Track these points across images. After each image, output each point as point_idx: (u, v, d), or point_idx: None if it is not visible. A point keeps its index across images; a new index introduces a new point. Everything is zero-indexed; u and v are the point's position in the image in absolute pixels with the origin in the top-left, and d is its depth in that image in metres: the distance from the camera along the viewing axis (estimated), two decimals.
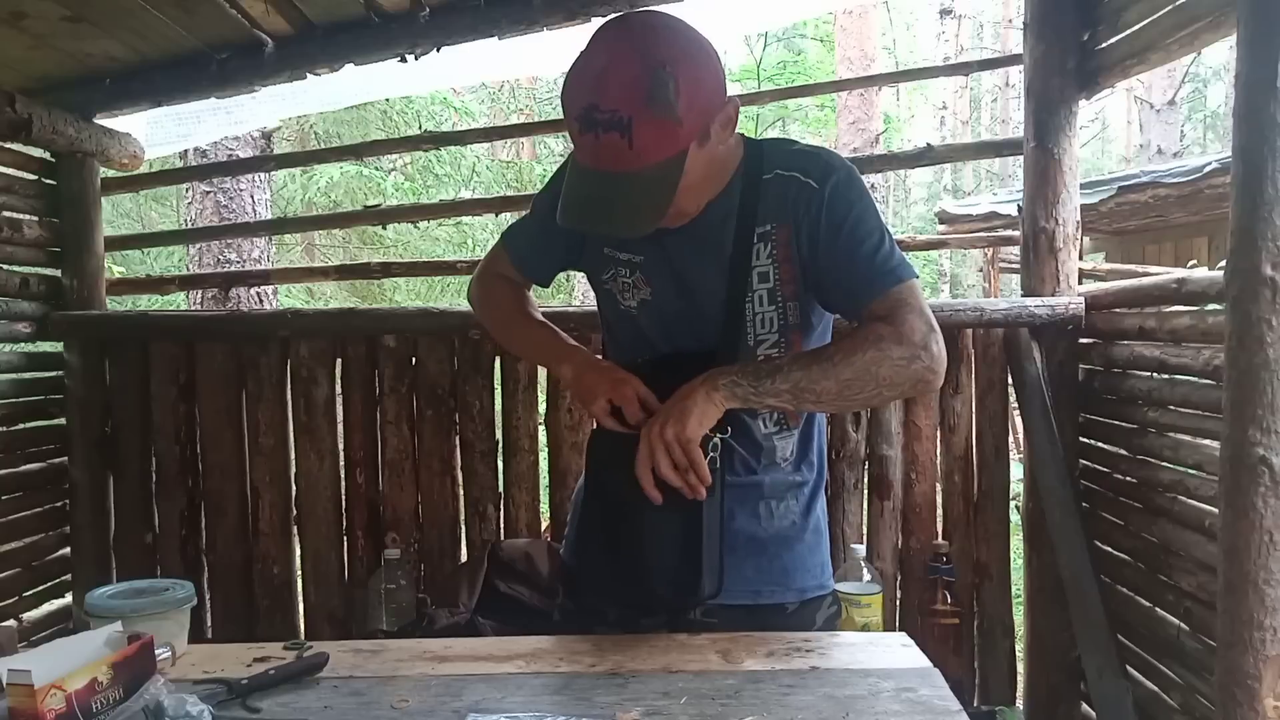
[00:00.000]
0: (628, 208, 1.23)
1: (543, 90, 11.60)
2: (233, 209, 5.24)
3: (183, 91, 2.54)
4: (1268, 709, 1.41)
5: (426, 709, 1.15)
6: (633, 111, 1.16)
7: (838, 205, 1.32)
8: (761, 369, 1.28)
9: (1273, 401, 1.40)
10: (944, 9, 14.00)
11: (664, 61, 1.18)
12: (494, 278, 1.60)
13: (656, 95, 1.16)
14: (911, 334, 1.26)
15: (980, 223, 6.70)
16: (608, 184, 1.22)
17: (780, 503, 1.43)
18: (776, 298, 1.35)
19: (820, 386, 1.26)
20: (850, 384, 1.26)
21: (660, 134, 1.19)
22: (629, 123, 1.17)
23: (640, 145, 1.18)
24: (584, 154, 1.24)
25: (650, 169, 1.20)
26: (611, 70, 1.18)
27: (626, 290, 1.42)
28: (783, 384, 1.26)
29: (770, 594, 1.43)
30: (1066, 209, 2.32)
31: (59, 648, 1.12)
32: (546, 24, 2.35)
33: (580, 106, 1.19)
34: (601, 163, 1.21)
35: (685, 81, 1.18)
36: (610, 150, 1.19)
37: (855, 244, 1.31)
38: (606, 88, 1.17)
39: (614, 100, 1.17)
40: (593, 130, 1.18)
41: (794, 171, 1.35)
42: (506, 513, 2.46)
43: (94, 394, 2.54)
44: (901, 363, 1.26)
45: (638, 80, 1.17)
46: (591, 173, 1.24)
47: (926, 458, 2.40)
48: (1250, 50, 1.41)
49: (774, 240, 1.35)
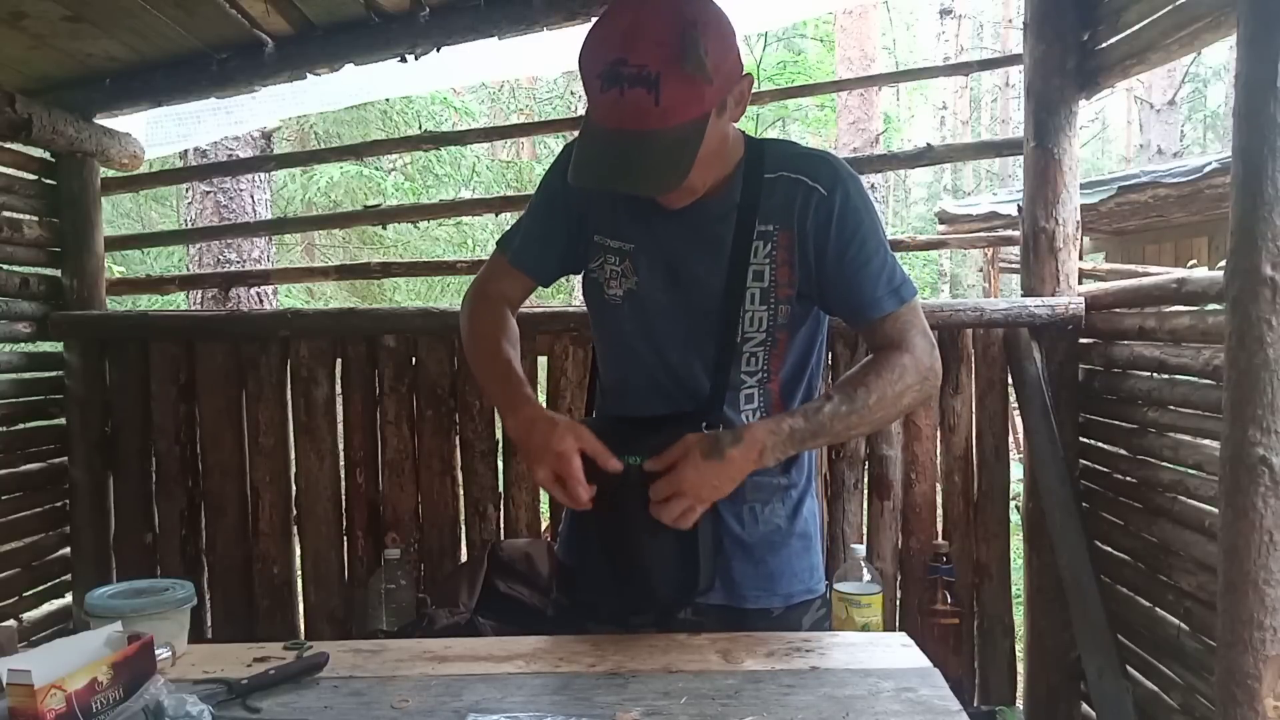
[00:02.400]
0: (649, 166, 1.21)
1: (543, 90, 11.61)
2: (233, 209, 5.24)
3: (183, 91, 2.53)
4: (1268, 709, 1.41)
5: (426, 709, 1.15)
6: (661, 67, 1.15)
7: (848, 218, 1.33)
8: (805, 432, 1.30)
9: (1273, 401, 1.40)
10: (944, 9, 14.01)
11: (695, 21, 1.18)
12: (484, 299, 1.52)
13: (688, 52, 1.15)
14: (924, 359, 1.37)
15: (980, 223, 6.69)
16: (629, 142, 1.20)
17: (765, 506, 1.42)
18: (769, 298, 1.35)
19: (857, 431, 1.45)
20: (880, 421, 1.39)
21: (689, 93, 1.18)
22: (657, 79, 1.15)
23: (667, 102, 1.16)
24: (604, 112, 1.21)
25: (673, 129, 1.19)
26: (642, 26, 1.17)
27: (613, 279, 1.40)
28: (824, 439, 1.36)
29: (755, 598, 1.42)
30: (1066, 209, 2.32)
31: (59, 648, 1.12)
32: (546, 24, 2.35)
33: (605, 62, 1.18)
34: (625, 121, 1.19)
35: (714, 43, 1.19)
36: (634, 107, 1.17)
37: (863, 261, 1.34)
38: (636, 43, 1.16)
39: (643, 55, 1.15)
40: (617, 86, 1.16)
41: (801, 175, 1.34)
42: (506, 513, 2.46)
43: (94, 394, 2.54)
44: (917, 388, 1.37)
45: (669, 36, 1.16)
46: (611, 131, 1.21)
47: (926, 458, 2.40)
48: (1250, 50, 1.41)
49: (774, 242, 1.34)
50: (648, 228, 1.36)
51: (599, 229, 1.41)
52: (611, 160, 1.22)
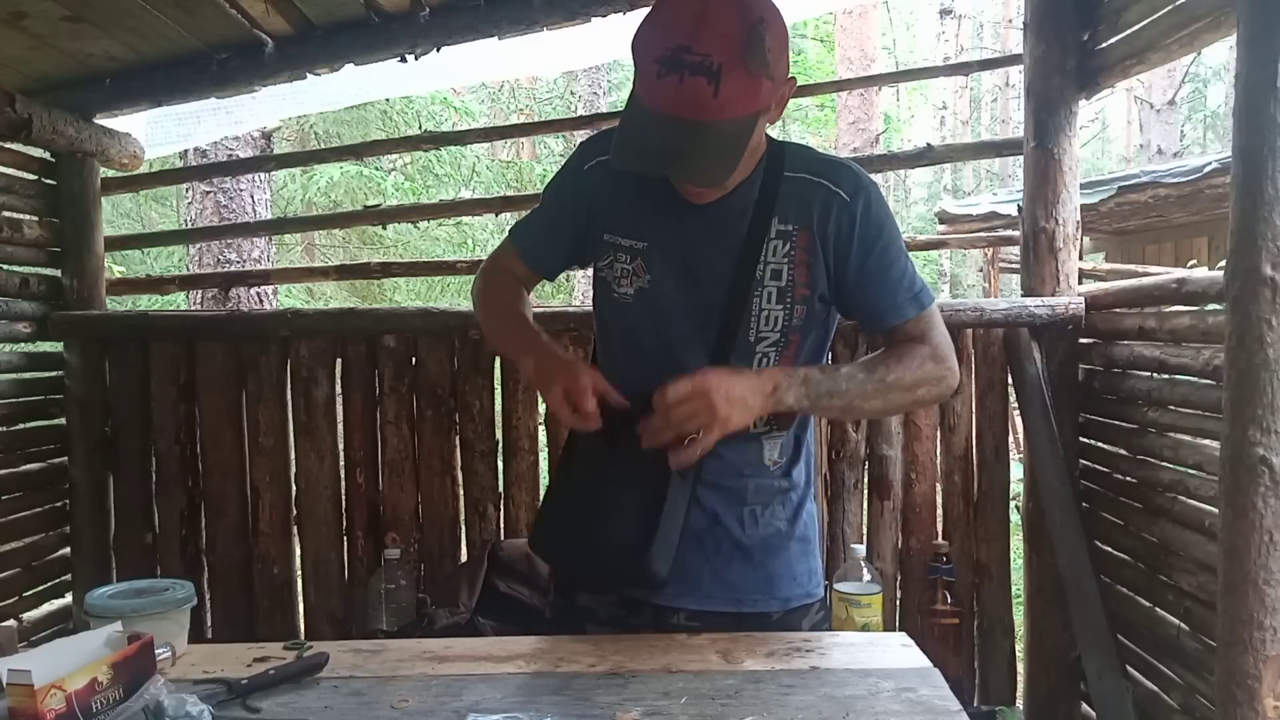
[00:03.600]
0: (699, 157, 1.22)
1: (543, 90, 11.61)
2: (233, 209, 5.24)
3: (183, 91, 2.53)
4: (1268, 709, 1.41)
5: (426, 709, 1.15)
6: (725, 60, 1.16)
7: (870, 224, 1.35)
8: (822, 386, 1.31)
9: (1273, 401, 1.40)
10: (944, 9, 14.01)
11: (761, 18, 1.19)
12: (498, 272, 1.57)
13: (753, 48, 1.17)
14: (945, 357, 1.38)
15: (980, 223, 6.69)
16: (681, 130, 1.19)
17: (765, 509, 1.42)
18: (786, 298, 1.35)
19: (869, 405, 1.37)
20: (894, 402, 1.39)
21: (748, 88, 1.19)
22: (719, 70, 1.16)
23: (726, 95, 1.17)
24: (658, 98, 1.20)
25: (727, 123, 1.20)
26: (710, 16, 1.18)
27: (624, 277, 1.40)
28: (837, 401, 1.33)
29: (754, 602, 1.42)
30: (1066, 209, 2.32)
31: (59, 648, 1.12)
32: (546, 24, 2.35)
33: (668, 47, 1.18)
34: (681, 108, 1.19)
35: (775, 42, 1.20)
36: (693, 96, 1.17)
37: (885, 267, 1.36)
38: (703, 32, 1.17)
39: (709, 45, 1.16)
40: (678, 72, 1.17)
41: (823, 179, 1.36)
42: (506, 513, 2.46)
43: (94, 394, 2.54)
44: (934, 383, 1.38)
45: (737, 29, 1.17)
46: (663, 116, 1.20)
47: (926, 458, 2.40)
48: (1250, 50, 1.41)
49: (793, 242, 1.35)
50: (664, 225, 1.36)
51: (610, 228, 1.41)
52: (662, 146, 1.21)
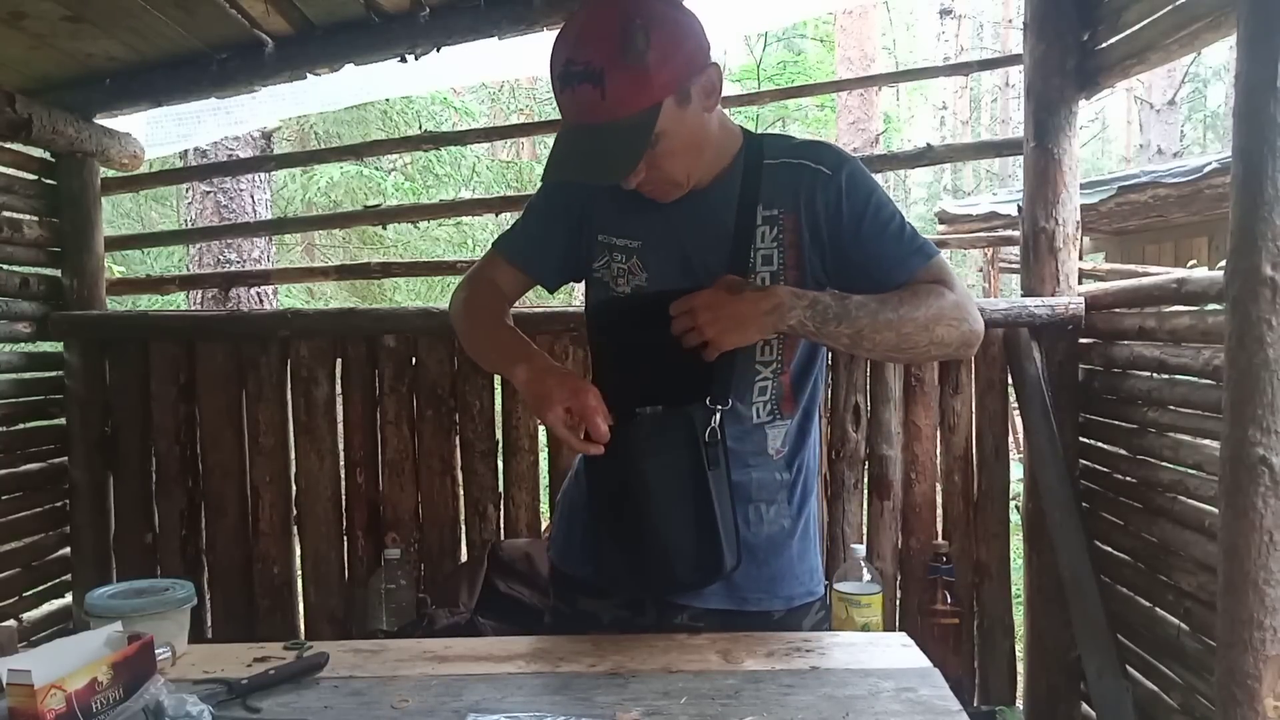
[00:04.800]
0: (601, 155, 1.25)
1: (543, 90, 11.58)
2: (233, 209, 5.24)
3: (183, 91, 2.53)
4: (1268, 709, 1.41)
5: (426, 709, 1.15)
6: (604, 62, 1.21)
7: (857, 192, 1.35)
8: (829, 311, 1.28)
9: (1273, 401, 1.40)
10: (944, 9, 14.01)
11: (638, 15, 1.22)
12: (481, 282, 1.52)
13: (627, 46, 1.20)
14: (964, 299, 1.33)
15: (980, 223, 6.70)
16: (585, 136, 1.26)
17: (770, 506, 1.42)
18: (779, 282, 1.36)
19: (881, 337, 1.29)
20: (909, 338, 1.30)
21: (632, 83, 1.22)
22: (601, 73, 1.20)
23: (613, 95, 1.21)
24: (564, 111, 1.28)
25: (623, 121, 1.23)
26: (588, 25, 1.24)
27: (620, 276, 1.41)
28: (846, 329, 1.28)
29: (757, 601, 1.42)
30: (1066, 209, 2.32)
31: (59, 648, 1.12)
32: (546, 24, 2.35)
33: (560, 63, 1.24)
34: (580, 115, 1.25)
35: (658, 35, 1.22)
36: (585, 102, 1.22)
37: (881, 226, 1.34)
38: (582, 42, 1.23)
39: (588, 52, 1.22)
40: (570, 85, 1.23)
41: (804, 160, 1.37)
42: (506, 513, 2.46)
43: (94, 394, 2.54)
44: (954, 323, 1.31)
45: (611, 33, 1.21)
46: (572, 129, 1.28)
47: (926, 458, 2.40)
48: (1250, 50, 1.41)
49: (780, 225, 1.36)
50: (654, 223, 1.38)
51: (604, 228, 1.43)
52: (572, 154, 1.28)
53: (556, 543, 1.57)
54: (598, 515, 1.42)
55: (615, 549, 1.38)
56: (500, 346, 1.44)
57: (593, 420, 1.25)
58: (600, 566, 1.44)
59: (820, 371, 1.47)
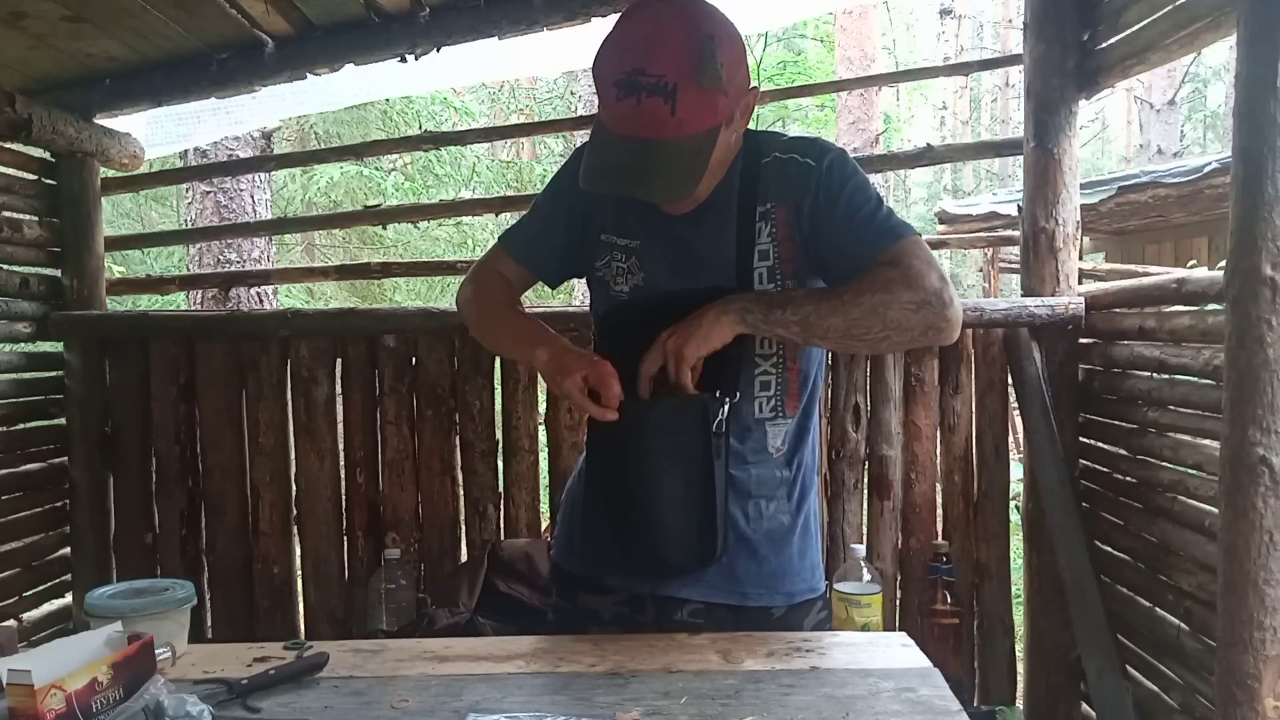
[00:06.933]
0: (662, 174, 1.24)
1: (543, 90, 11.61)
2: (233, 209, 5.24)
3: (183, 91, 2.53)
4: (1268, 709, 1.41)
5: (426, 709, 1.15)
6: (679, 79, 1.19)
7: (834, 178, 1.35)
8: (774, 299, 1.30)
9: (1273, 401, 1.40)
10: (944, 9, 14.02)
11: (712, 35, 1.21)
12: (489, 274, 1.57)
13: (705, 65, 1.19)
14: (920, 280, 1.26)
15: (980, 223, 6.70)
16: (643, 150, 1.23)
17: (770, 502, 1.42)
18: (775, 275, 1.37)
19: (828, 323, 1.28)
20: (858, 323, 1.27)
21: (704, 104, 1.21)
22: (674, 89, 1.19)
23: (683, 113, 1.20)
24: (619, 120, 1.24)
25: (687, 139, 1.23)
26: (660, 37, 1.20)
27: (620, 275, 1.42)
28: (793, 316, 1.28)
29: (758, 597, 1.42)
30: (1066, 209, 2.32)
31: (59, 648, 1.12)
32: (546, 24, 2.36)
33: (623, 71, 1.21)
34: (640, 129, 1.22)
35: (727, 55, 1.22)
36: (651, 116, 1.20)
37: (853, 210, 1.34)
38: (655, 53, 1.20)
39: (662, 66, 1.19)
40: (634, 95, 1.20)
41: (792, 153, 1.38)
42: (506, 513, 2.46)
43: (94, 394, 2.54)
44: (910, 307, 1.26)
45: (687, 49, 1.19)
46: (625, 138, 1.24)
47: (926, 458, 2.40)
48: (1250, 50, 1.41)
49: (774, 219, 1.37)
50: (654, 224, 1.39)
51: (605, 228, 1.44)
52: (626, 166, 1.25)
53: (558, 540, 1.58)
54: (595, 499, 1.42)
55: (607, 530, 1.39)
56: (516, 331, 1.49)
57: (608, 383, 1.28)
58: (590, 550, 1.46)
59: (819, 370, 1.48)
